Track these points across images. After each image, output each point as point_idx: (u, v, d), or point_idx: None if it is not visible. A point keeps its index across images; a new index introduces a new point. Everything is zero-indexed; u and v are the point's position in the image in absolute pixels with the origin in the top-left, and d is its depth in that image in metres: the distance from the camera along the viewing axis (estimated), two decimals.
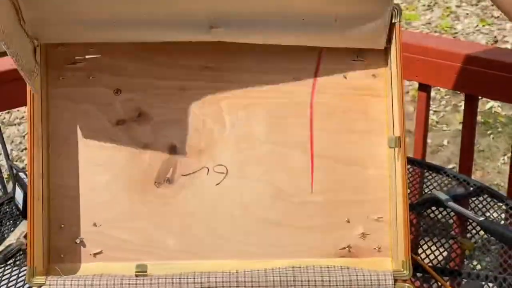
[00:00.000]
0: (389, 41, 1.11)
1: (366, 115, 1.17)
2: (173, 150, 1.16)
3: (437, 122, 4.12)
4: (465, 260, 1.36)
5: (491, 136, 3.95)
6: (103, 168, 1.15)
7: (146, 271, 1.08)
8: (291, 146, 1.16)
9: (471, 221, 1.46)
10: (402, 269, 1.07)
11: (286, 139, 1.16)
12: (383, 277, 1.05)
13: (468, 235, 1.43)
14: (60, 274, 1.09)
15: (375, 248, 1.15)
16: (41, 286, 1.06)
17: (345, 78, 1.17)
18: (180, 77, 1.16)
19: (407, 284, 1.06)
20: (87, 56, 1.16)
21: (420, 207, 1.53)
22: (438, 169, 1.74)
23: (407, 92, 4.18)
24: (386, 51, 1.15)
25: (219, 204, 1.15)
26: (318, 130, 1.17)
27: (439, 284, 1.25)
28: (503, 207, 1.54)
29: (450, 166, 3.63)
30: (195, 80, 1.17)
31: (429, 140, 3.68)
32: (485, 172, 3.69)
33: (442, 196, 1.54)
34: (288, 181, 1.16)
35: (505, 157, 3.74)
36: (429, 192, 1.63)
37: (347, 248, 1.16)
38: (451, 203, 1.52)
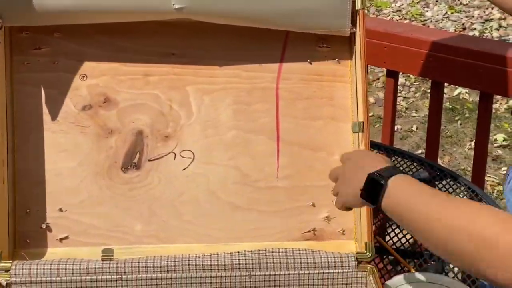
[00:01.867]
0: (353, 27, 1.13)
1: (331, 101, 1.18)
2: (139, 135, 1.16)
3: (406, 108, 4.16)
4: None
5: (459, 122, 4.00)
6: (69, 154, 1.15)
7: (112, 255, 1.08)
8: (257, 131, 1.17)
9: None
10: (365, 251, 1.09)
11: (252, 124, 1.17)
12: (346, 258, 1.08)
13: None
14: (26, 259, 1.09)
15: (339, 231, 1.17)
16: (7, 270, 1.05)
17: (310, 64, 1.19)
18: (145, 62, 1.17)
19: (369, 265, 1.08)
20: (51, 41, 1.15)
21: None
22: (404, 154, 1.76)
23: (378, 79, 4.21)
24: (351, 37, 1.16)
25: (186, 189, 1.16)
26: (283, 116, 1.18)
27: (402, 265, 1.27)
28: (466, 190, 1.57)
29: (419, 152, 3.67)
30: (160, 66, 1.17)
31: (398, 126, 3.73)
32: (452, 157, 3.74)
33: None
34: (254, 166, 1.17)
35: (472, 143, 3.80)
36: None
37: (312, 231, 1.17)
38: None
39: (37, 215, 1.14)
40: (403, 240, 1.39)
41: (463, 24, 4.95)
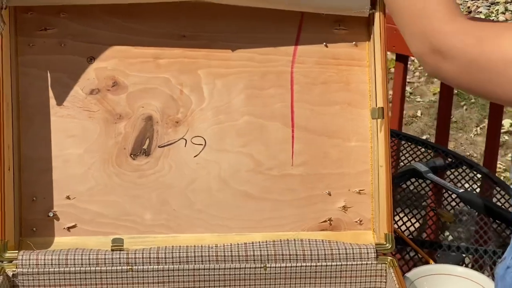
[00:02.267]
0: (372, 8, 1.08)
1: (348, 86, 1.14)
2: (149, 120, 1.12)
3: (410, 93, 4.12)
4: (444, 232, 1.35)
5: (464, 107, 3.96)
6: (76, 139, 1.11)
7: (122, 245, 1.05)
8: (270, 117, 1.13)
9: (450, 192, 1.45)
10: (384, 242, 1.06)
11: (266, 110, 1.13)
12: (365, 250, 1.04)
13: (448, 207, 1.42)
14: (33, 249, 1.05)
15: (356, 221, 1.13)
16: (12, 261, 1.02)
17: (326, 47, 1.14)
18: (155, 45, 1.12)
19: (389, 257, 1.04)
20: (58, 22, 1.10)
21: (399, 179, 1.51)
22: (416, 140, 1.72)
23: None
24: (369, 19, 1.11)
25: (197, 176, 1.12)
26: (298, 101, 1.14)
27: (419, 256, 1.24)
28: (481, 178, 1.53)
29: (424, 137, 3.63)
30: (171, 49, 1.12)
31: None
32: (458, 143, 3.70)
33: (421, 167, 1.53)
34: (268, 153, 1.13)
35: (478, 128, 3.76)
36: (408, 163, 1.61)
37: (328, 221, 1.13)
38: (430, 175, 1.51)
39: (44, 203, 1.10)
40: (412, 229, 1.35)
41: (468, 7, 4.90)
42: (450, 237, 1.33)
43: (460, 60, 0.71)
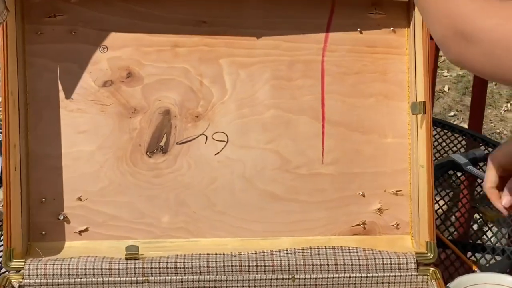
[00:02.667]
0: None
1: (384, 76, 1.04)
2: (166, 115, 1.03)
3: (437, 68, 3.97)
4: (487, 232, 1.24)
5: (494, 82, 3.81)
6: (88, 135, 1.02)
7: (137, 253, 0.96)
8: (299, 111, 1.03)
9: None
10: (425, 252, 0.96)
11: (294, 103, 1.03)
12: (404, 260, 0.94)
13: (491, 204, 1.31)
14: (41, 256, 0.97)
15: (393, 225, 1.04)
16: (19, 270, 0.94)
17: (361, 33, 1.04)
18: (172, 32, 1.02)
19: (431, 268, 0.94)
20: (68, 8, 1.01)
21: (436, 171, 1.40)
22: (452, 128, 1.61)
23: None
24: (409, 2, 1.01)
25: (219, 176, 1.03)
26: (330, 93, 1.04)
27: (460, 260, 1.14)
28: None
29: (451, 114, 3.50)
30: (189, 36, 1.03)
31: None
32: (487, 120, 3.56)
33: (460, 159, 1.42)
34: (296, 150, 1.03)
35: (508, 104, 3.62)
36: (444, 154, 1.50)
37: (361, 225, 1.04)
38: (470, 167, 1.40)
39: (54, 205, 1.02)
40: (451, 229, 1.25)
41: None
42: (494, 239, 1.22)
43: (485, 42, 0.65)
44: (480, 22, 0.66)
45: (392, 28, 1.03)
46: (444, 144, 1.55)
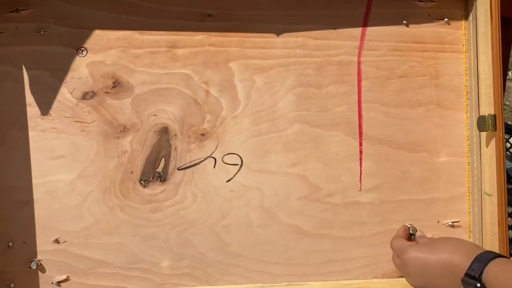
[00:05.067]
0: None
1: (436, 80, 0.83)
2: (164, 133, 0.82)
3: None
4: None
5: None
6: (66, 161, 0.81)
7: None
8: (330, 126, 0.83)
9: None
10: None
11: (324, 116, 0.83)
12: None
13: None
14: None
15: None
16: None
17: (407, 26, 0.83)
18: (170, 28, 0.81)
19: None
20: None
21: None
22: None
23: None
24: None
25: (231, 208, 0.82)
26: (368, 102, 0.83)
27: None
28: None
29: None
30: (191, 33, 0.81)
31: None
32: None
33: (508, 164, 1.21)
34: (327, 175, 0.83)
35: None
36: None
37: None
38: None
39: (24, 249, 0.81)
40: None
41: None
42: None
43: None
44: None
45: (446, 19, 0.82)
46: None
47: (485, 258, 0.68)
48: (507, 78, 3.37)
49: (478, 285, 0.66)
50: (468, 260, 0.69)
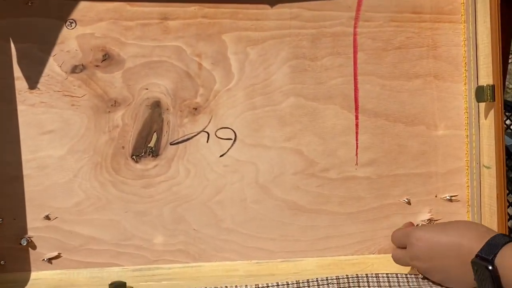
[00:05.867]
0: None
1: (434, 51, 0.81)
2: (156, 107, 0.80)
3: None
4: None
5: None
6: (55, 137, 0.79)
7: None
8: (326, 99, 0.81)
9: None
10: None
11: (319, 88, 0.81)
12: None
13: None
14: None
15: None
16: None
17: None
18: (163, 0, 0.79)
19: None
20: None
21: None
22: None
23: None
24: None
25: (225, 183, 0.81)
26: (364, 74, 0.81)
27: None
28: None
29: None
30: (183, 5, 0.79)
31: None
32: None
33: (508, 141, 1.19)
34: (323, 149, 0.81)
35: None
36: None
37: None
38: None
39: (14, 226, 0.80)
40: None
41: None
42: None
43: None
44: None
45: None
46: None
47: (499, 241, 0.65)
48: (509, 61, 3.35)
49: (490, 267, 0.64)
50: (479, 242, 0.66)
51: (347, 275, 0.75)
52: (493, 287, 0.64)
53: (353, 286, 0.73)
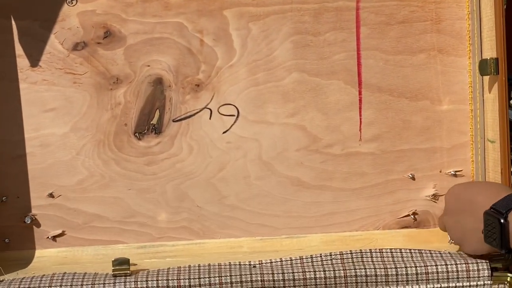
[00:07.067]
0: None
1: (438, 25, 0.81)
2: (158, 84, 0.80)
3: None
4: None
5: None
6: (58, 114, 0.80)
7: (128, 268, 0.74)
8: (329, 74, 0.81)
9: None
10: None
11: (322, 64, 0.80)
12: (475, 266, 0.72)
13: None
14: (2, 273, 0.75)
15: None
16: None
17: None
18: None
19: (510, 275, 0.73)
20: None
21: None
22: None
23: None
24: None
25: (228, 160, 0.81)
26: (367, 49, 0.81)
27: None
28: None
29: None
30: None
31: None
32: None
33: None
34: (327, 125, 0.81)
35: None
36: None
37: (411, 216, 0.82)
38: None
39: (18, 204, 0.80)
40: None
41: None
42: None
43: None
44: None
45: None
46: None
47: None
48: None
49: (502, 220, 0.64)
50: (494, 200, 0.66)
51: (350, 251, 0.75)
52: (500, 242, 0.64)
53: (357, 262, 0.73)
